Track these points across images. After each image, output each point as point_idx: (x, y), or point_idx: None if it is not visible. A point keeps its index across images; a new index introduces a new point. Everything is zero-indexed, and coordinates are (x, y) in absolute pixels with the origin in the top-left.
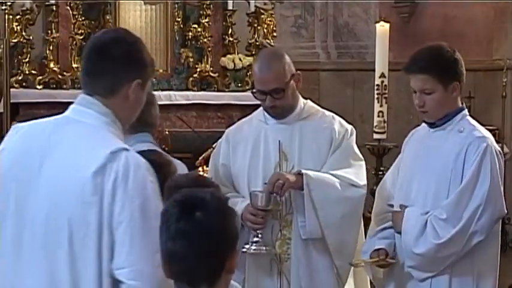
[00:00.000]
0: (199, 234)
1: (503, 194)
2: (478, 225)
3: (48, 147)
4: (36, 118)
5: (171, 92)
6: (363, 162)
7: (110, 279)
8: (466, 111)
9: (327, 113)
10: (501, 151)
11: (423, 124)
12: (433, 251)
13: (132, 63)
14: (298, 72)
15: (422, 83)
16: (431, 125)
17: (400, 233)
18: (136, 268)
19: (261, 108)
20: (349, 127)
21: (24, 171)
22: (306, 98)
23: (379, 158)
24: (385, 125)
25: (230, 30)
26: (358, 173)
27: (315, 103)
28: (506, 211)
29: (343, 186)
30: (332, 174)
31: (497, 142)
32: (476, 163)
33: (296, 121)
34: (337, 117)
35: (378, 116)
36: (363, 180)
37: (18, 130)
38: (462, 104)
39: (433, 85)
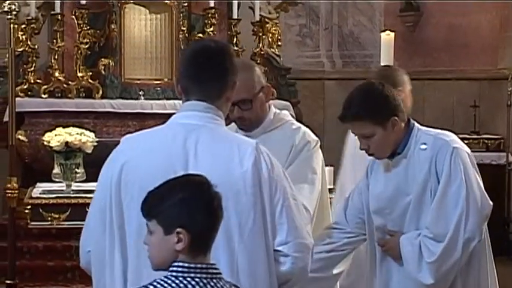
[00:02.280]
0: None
1: (484, 191)
2: (468, 231)
3: (186, 154)
4: (40, 127)
5: (176, 101)
6: (318, 177)
7: (273, 256)
8: (416, 126)
9: (296, 124)
10: (463, 147)
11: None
12: (435, 274)
13: (235, 68)
14: (268, 84)
15: (359, 129)
16: (392, 157)
17: (399, 258)
18: (298, 241)
19: None
20: (313, 139)
21: (171, 176)
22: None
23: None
24: None
25: (235, 39)
26: (310, 196)
27: (321, 112)
28: (491, 203)
29: None
30: None
31: (502, 151)
32: (446, 172)
33: (261, 134)
34: (303, 129)
35: None
36: (311, 204)
37: (131, 141)
38: (409, 122)
39: (370, 129)
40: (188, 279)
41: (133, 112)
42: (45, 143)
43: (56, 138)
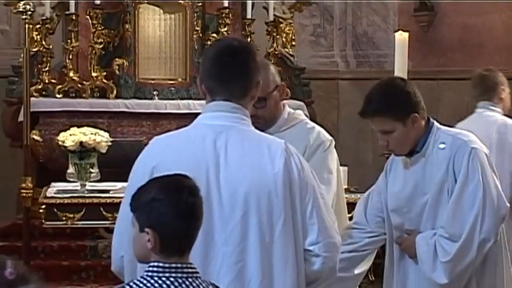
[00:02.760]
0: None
1: (501, 192)
2: (483, 231)
3: (217, 156)
4: (55, 127)
5: (190, 101)
6: (334, 176)
7: (302, 256)
8: (435, 125)
9: (310, 124)
10: (482, 147)
11: None
12: (450, 274)
13: (258, 67)
14: (283, 83)
15: (379, 125)
16: (408, 155)
17: (411, 257)
18: (328, 241)
19: None
20: (328, 139)
21: (201, 180)
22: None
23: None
24: None
25: (249, 39)
26: (327, 196)
27: (334, 112)
28: (508, 204)
29: None
30: None
31: None
32: (463, 172)
33: (275, 133)
34: (317, 128)
35: None
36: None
37: (160, 144)
38: (428, 120)
39: (390, 125)
40: (163, 278)
41: (148, 112)
42: (60, 142)
43: (70, 138)
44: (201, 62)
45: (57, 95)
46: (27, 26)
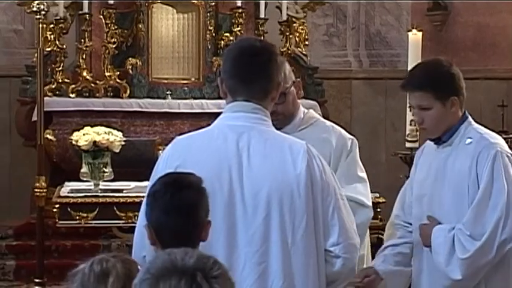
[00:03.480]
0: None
1: None
2: (505, 233)
3: (240, 157)
4: (68, 126)
5: (203, 101)
6: (365, 175)
7: (323, 257)
8: (469, 119)
9: (328, 123)
10: (508, 150)
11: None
12: (465, 271)
13: (280, 69)
14: (299, 79)
15: (419, 99)
16: (438, 142)
17: (427, 246)
18: (348, 242)
19: None
20: (351, 138)
21: (224, 180)
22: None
23: (412, 166)
24: (418, 133)
25: (262, 38)
26: (366, 192)
27: (347, 111)
28: None
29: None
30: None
31: None
32: (488, 173)
33: (295, 131)
34: (337, 128)
35: (410, 125)
36: (369, 200)
37: (182, 144)
38: (464, 112)
39: (429, 102)
40: None
41: (161, 111)
42: (73, 142)
43: (83, 137)
44: (222, 62)
45: (71, 95)
46: (41, 25)
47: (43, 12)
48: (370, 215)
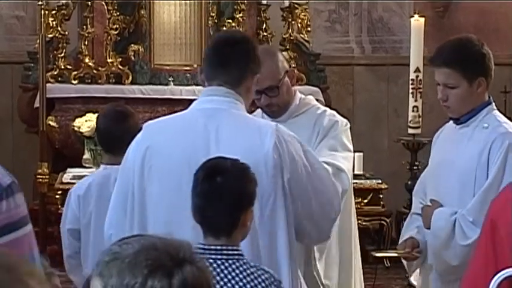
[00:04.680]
0: (217, 195)
1: None
2: None
3: (207, 139)
4: (70, 112)
5: None
6: (351, 154)
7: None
8: (493, 106)
9: (322, 108)
10: None
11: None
12: (463, 257)
13: (256, 60)
14: (292, 68)
15: (445, 76)
16: (456, 121)
17: (428, 228)
18: (329, 217)
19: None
20: (341, 120)
21: (193, 160)
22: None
23: (414, 153)
24: (420, 119)
25: (264, 25)
26: (344, 161)
27: (350, 98)
28: None
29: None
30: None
31: None
32: (500, 161)
33: (289, 118)
34: (329, 111)
35: (413, 111)
36: (346, 166)
37: (153, 127)
38: (489, 98)
39: (456, 80)
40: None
41: (163, 98)
42: (76, 128)
43: (86, 123)
44: (205, 52)
45: (73, 81)
46: (43, 12)
47: None
48: (346, 178)
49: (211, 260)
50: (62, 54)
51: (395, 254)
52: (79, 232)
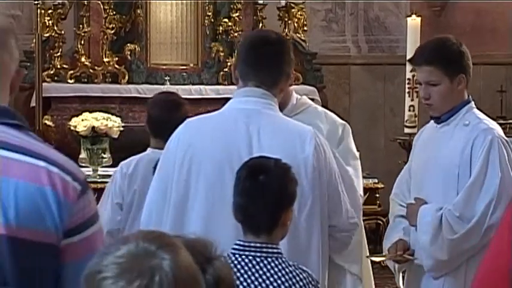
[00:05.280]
0: (259, 193)
1: None
2: (493, 218)
3: (250, 139)
4: (67, 112)
5: (202, 86)
6: (359, 162)
7: (327, 235)
8: (472, 104)
9: (320, 109)
10: (507, 140)
11: (432, 120)
12: (451, 252)
13: (292, 62)
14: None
15: (427, 74)
16: (437, 120)
17: (413, 225)
18: (349, 222)
19: None
20: (342, 123)
21: (235, 160)
22: (304, 94)
23: (410, 152)
24: (416, 119)
25: (261, 24)
26: (358, 183)
27: (346, 97)
28: None
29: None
30: None
31: None
32: (483, 157)
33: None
34: (330, 114)
35: (409, 110)
36: (361, 189)
37: (194, 125)
38: (468, 96)
39: (438, 77)
40: (243, 256)
41: None
42: (72, 128)
43: (82, 123)
44: (238, 49)
45: (69, 81)
46: (39, 11)
47: None
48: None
49: (250, 257)
50: (58, 54)
51: (387, 257)
52: (122, 208)
